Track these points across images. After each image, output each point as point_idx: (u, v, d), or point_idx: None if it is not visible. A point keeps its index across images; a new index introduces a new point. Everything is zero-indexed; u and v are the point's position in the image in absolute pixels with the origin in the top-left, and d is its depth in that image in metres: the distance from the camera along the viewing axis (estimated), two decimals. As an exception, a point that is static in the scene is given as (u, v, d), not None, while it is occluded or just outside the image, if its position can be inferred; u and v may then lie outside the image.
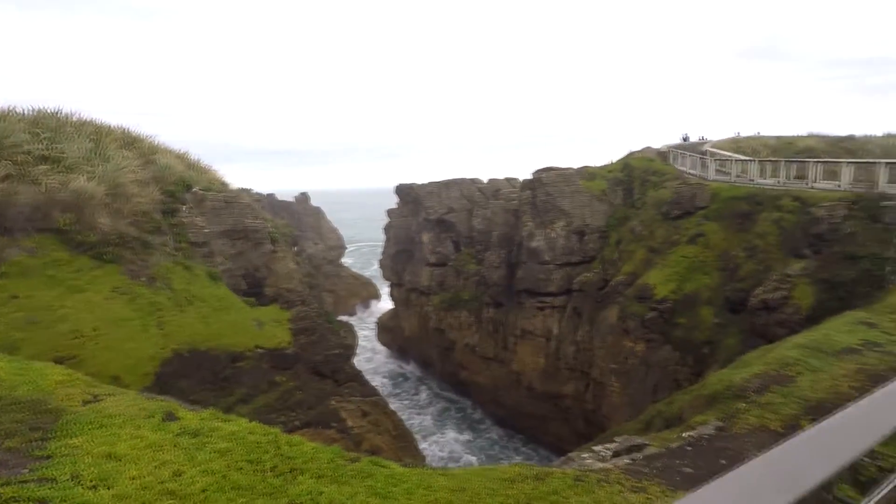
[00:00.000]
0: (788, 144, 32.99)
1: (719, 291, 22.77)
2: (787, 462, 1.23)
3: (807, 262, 19.36)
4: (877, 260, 15.86)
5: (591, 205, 31.44)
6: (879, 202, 17.92)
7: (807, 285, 18.73)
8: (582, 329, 29.41)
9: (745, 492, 1.11)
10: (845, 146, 32.13)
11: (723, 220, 24.05)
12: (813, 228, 19.72)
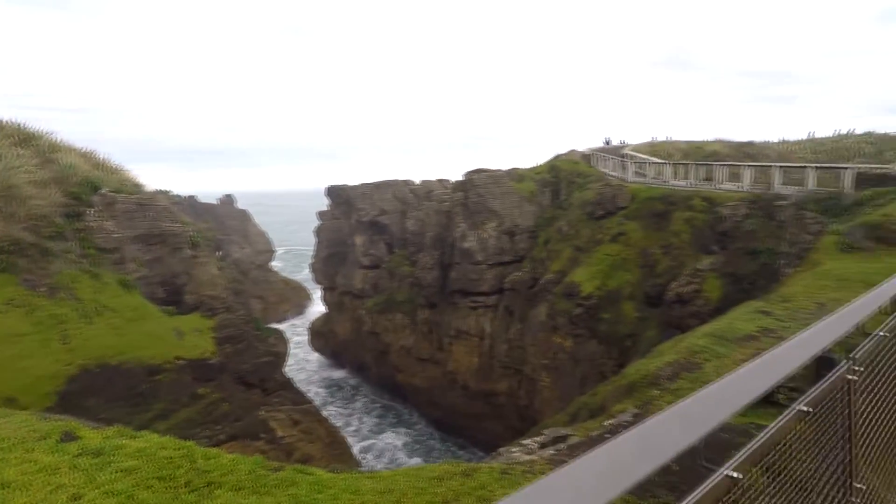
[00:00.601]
0: (698, 148, 35.51)
1: (640, 287, 24.10)
2: (654, 434, 1.31)
3: (715, 257, 20.93)
4: (772, 254, 17.41)
5: (521, 206, 32.31)
6: (774, 201, 19.67)
7: (715, 279, 20.25)
8: (514, 327, 30.12)
9: (615, 461, 1.17)
10: (746, 151, 35.00)
11: (641, 219, 25.49)
12: (719, 226, 21.36)
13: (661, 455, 1.25)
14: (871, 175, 18.41)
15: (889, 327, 3.02)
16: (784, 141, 40.39)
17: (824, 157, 31.07)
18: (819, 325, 2.55)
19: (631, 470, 1.19)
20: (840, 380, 2.30)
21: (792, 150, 36.11)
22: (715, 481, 1.42)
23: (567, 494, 1.08)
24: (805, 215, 16.47)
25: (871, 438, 2.77)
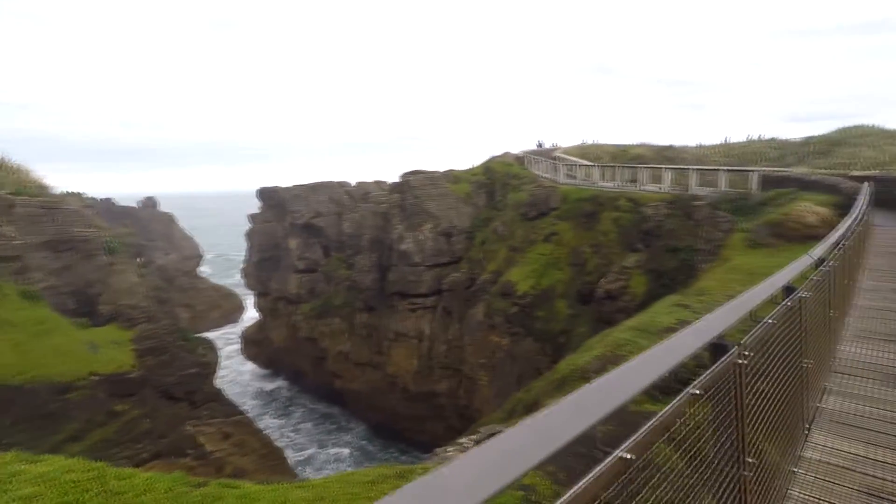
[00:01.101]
0: (623, 152, 37.37)
1: (572, 285, 25.00)
2: (549, 423, 1.37)
3: (640, 255, 22.08)
4: (690, 251, 18.61)
5: (458, 207, 32.63)
6: (691, 202, 21.05)
7: (640, 275, 21.37)
8: (452, 328, 30.35)
9: (511, 449, 1.21)
10: (667, 154, 37.22)
11: (572, 219, 26.47)
12: (643, 225, 22.56)
13: (553, 443, 1.30)
14: (773, 177, 20.10)
15: (776, 315, 3.30)
16: (700, 145, 43.22)
17: (735, 161, 33.44)
18: (714, 315, 2.75)
19: (522, 459, 1.22)
20: (731, 364, 2.49)
21: (707, 154, 38.71)
22: (609, 463, 1.49)
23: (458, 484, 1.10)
24: (718, 214, 17.75)
25: (760, 416, 3.02)
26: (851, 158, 27.62)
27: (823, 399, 5.04)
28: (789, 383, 3.89)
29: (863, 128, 35.07)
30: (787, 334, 3.85)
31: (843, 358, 6.09)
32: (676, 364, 2.04)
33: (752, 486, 2.72)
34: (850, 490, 3.58)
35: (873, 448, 4.14)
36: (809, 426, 4.47)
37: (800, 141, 37.67)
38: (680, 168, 25.48)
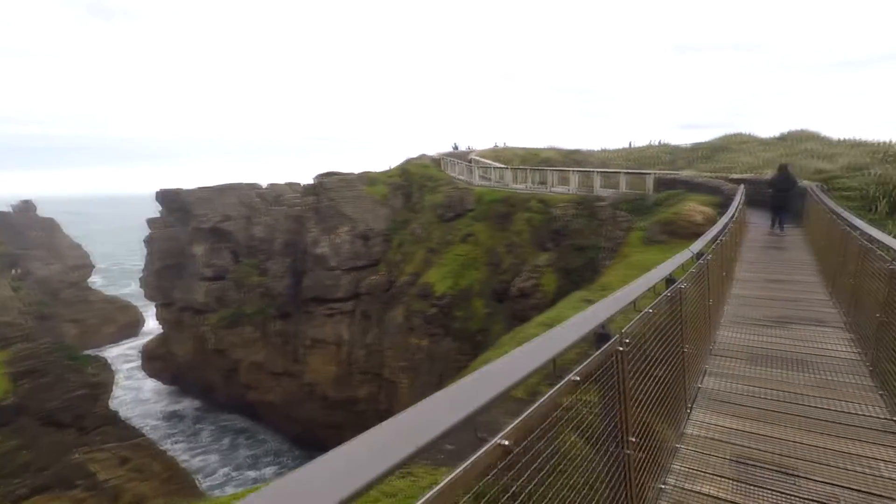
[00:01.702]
0: (534, 155, 38.96)
1: (488, 284, 25.63)
2: (417, 419, 1.39)
3: (550, 254, 23.11)
4: (595, 249, 19.77)
5: (374, 209, 32.32)
6: (596, 202, 22.37)
7: (551, 273, 22.37)
8: (372, 331, 30.00)
9: (378, 445, 1.21)
10: (574, 157, 39.30)
11: (487, 220, 27.15)
12: (553, 225, 23.64)
13: (422, 438, 1.32)
14: (666, 179, 21.86)
15: (656, 305, 3.58)
16: (604, 150, 46.06)
17: (635, 165, 35.88)
18: (597, 307, 2.93)
19: (391, 453, 1.22)
20: (612, 351, 2.66)
21: (610, 158, 41.31)
22: (486, 450, 1.53)
23: (320, 481, 1.08)
24: (618, 214, 19.01)
25: (645, 398, 3.26)
26: (731, 163, 30.69)
27: (703, 380, 5.55)
28: (671, 367, 4.23)
29: (741, 136, 39.04)
30: (668, 322, 4.19)
31: (720, 342, 6.75)
32: (557, 353, 2.14)
33: (635, 464, 2.92)
34: (723, 460, 3.96)
35: (742, 420, 4.62)
36: (691, 405, 4.90)
37: (689, 147, 41.26)
38: (585, 171, 26.97)
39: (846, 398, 5.07)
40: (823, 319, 7.59)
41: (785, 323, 7.53)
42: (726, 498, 3.49)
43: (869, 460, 3.93)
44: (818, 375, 5.67)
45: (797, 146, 29.91)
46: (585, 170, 27.46)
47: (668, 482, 3.66)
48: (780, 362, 6.04)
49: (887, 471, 3.77)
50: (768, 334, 7.06)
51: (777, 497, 3.47)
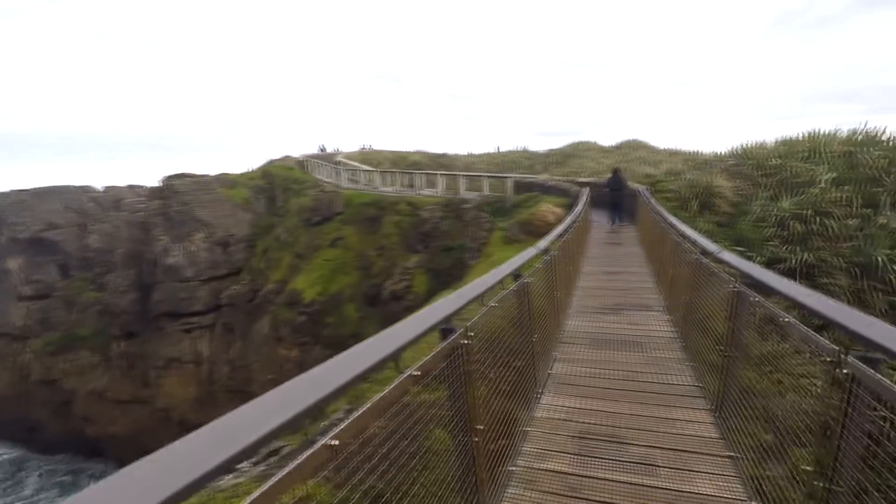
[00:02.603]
0: (402, 158, 39.40)
1: (359, 288, 25.30)
2: (232, 426, 1.31)
3: (420, 255, 23.51)
4: (461, 249, 20.54)
5: (235, 214, 30.19)
6: (461, 205, 23.25)
7: (422, 275, 22.76)
8: (235, 346, 27.96)
9: (192, 453, 1.12)
10: (441, 161, 40.45)
11: (357, 223, 26.82)
12: (422, 228, 24.09)
13: (243, 440, 1.25)
14: (523, 183, 23.47)
15: (501, 299, 3.80)
16: (470, 154, 48.10)
17: (497, 169, 37.86)
18: (442, 302, 3.02)
19: (198, 465, 1.14)
20: (457, 345, 2.76)
21: (475, 162, 43.22)
22: (313, 450, 1.49)
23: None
24: (481, 216, 19.98)
25: (489, 387, 3.44)
26: (580, 168, 33.92)
27: (553, 366, 6.03)
28: (520, 356, 4.53)
29: (586, 143, 43.26)
30: (515, 314, 4.48)
31: (567, 330, 7.40)
32: (396, 350, 2.16)
33: (482, 450, 3.06)
34: (566, 437, 4.34)
35: (585, 400, 5.11)
36: (542, 390, 5.29)
37: (545, 152, 44.79)
38: (451, 174, 27.93)
39: (666, 371, 5.86)
40: (650, 305, 8.70)
41: (620, 309, 8.49)
42: (569, 471, 3.82)
43: (679, 422, 4.58)
44: (646, 354, 6.47)
45: (631, 154, 33.99)
46: (451, 173, 28.44)
47: (518, 464, 3.91)
48: (617, 345, 6.79)
49: (690, 429, 4.42)
50: (607, 321, 7.90)
51: (608, 464, 3.89)
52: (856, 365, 2.17)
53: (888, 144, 17.11)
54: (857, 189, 15.47)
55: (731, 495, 3.49)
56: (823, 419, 2.41)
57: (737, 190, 17.35)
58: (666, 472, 3.80)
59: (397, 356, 2.15)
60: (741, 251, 14.24)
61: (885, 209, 14.88)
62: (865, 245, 13.90)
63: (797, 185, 16.33)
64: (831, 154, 17.18)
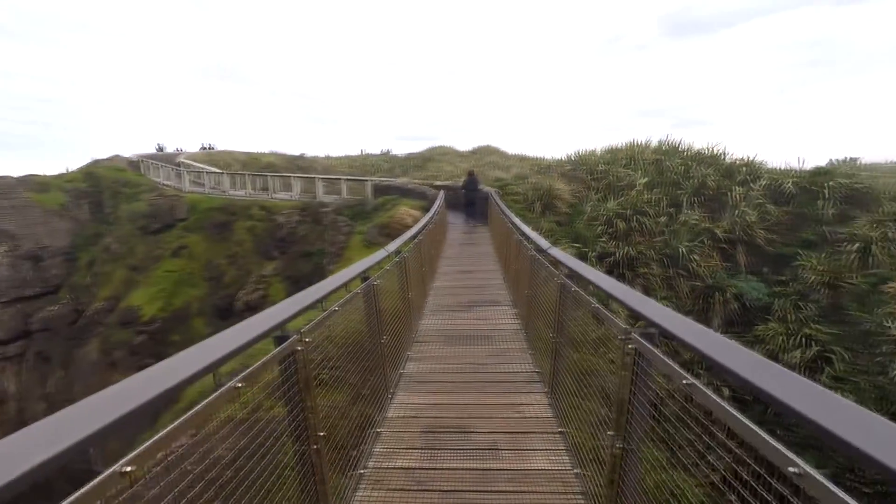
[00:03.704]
0: (255, 159, 37.13)
1: (209, 301, 23.25)
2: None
3: (276, 262, 22.36)
4: (321, 254, 19.99)
5: (49, 222, 25.82)
6: (319, 208, 22.61)
7: (279, 282, 21.65)
8: (54, 377, 23.89)
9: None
10: (298, 164, 38.93)
11: (203, 230, 24.62)
12: (278, 233, 22.93)
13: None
14: (382, 186, 23.56)
15: (344, 302, 3.78)
16: (328, 156, 47.03)
17: (358, 172, 37.52)
18: (277, 308, 2.91)
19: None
20: (290, 351, 2.68)
21: (334, 165, 42.39)
22: (101, 479, 1.34)
23: None
24: (340, 219, 19.64)
25: (334, 392, 3.39)
26: (437, 171, 35.07)
27: (406, 365, 6.15)
28: (369, 358, 4.54)
29: (444, 148, 44.84)
30: (363, 317, 4.48)
31: (422, 330, 7.60)
32: (215, 361, 2.04)
33: (326, 458, 3.01)
34: (415, 433, 4.45)
35: (435, 395, 5.29)
36: (394, 390, 5.35)
37: (404, 156, 45.49)
38: (308, 177, 27.02)
39: (511, 361, 6.30)
40: (499, 300, 9.30)
41: (473, 306, 8.95)
42: (416, 466, 3.92)
43: (521, 406, 4.97)
44: (495, 346, 6.90)
45: (484, 158, 36.06)
46: (309, 176, 27.52)
47: (368, 465, 3.92)
48: (467, 340, 7.14)
49: (529, 411, 4.83)
50: (460, 317, 8.27)
51: (455, 453, 4.07)
52: (638, 340, 2.55)
53: (685, 154, 20.41)
54: (664, 191, 18.19)
55: (561, 467, 3.88)
56: (620, 389, 2.79)
57: (573, 192, 19.34)
58: (507, 454, 4.10)
59: (213, 369, 2.02)
60: (578, 247, 15.92)
61: (685, 208, 17.72)
62: (672, 239, 16.40)
63: (620, 188, 18.71)
64: (644, 161, 19.99)
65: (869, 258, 14.39)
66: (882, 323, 12.75)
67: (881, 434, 1.17)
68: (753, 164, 19.29)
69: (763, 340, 14.31)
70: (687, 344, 2.10)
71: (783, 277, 15.45)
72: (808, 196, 16.78)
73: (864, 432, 1.20)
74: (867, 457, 1.11)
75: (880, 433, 1.17)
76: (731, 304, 15.26)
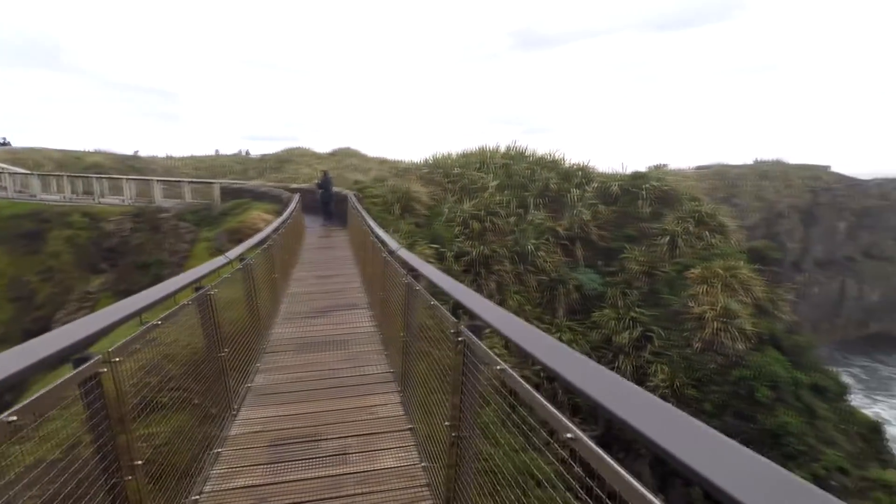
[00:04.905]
0: (77, 159, 32.25)
1: (17, 325, 19.58)
2: None
3: (106, 276, 19.61)
4: (160, 264, 18.01)
5: None
6: (158, 214, 20.35)
7: (109, 298, 18.98)
8: None
9: None
10: (132, 164, 34.63)
11: (7, 242, 20.70)
12: (106, 242, 20.13)
13: None
14: (232, 189, 21.99)
15: (165, 315, 3.45)
16: (170, 156, 42.60)
17: (206, 174, 34.63)
18: (73, 325, 2.56)
19: None
20: (92, 374, 2.37)
21: (177, 166, 38.54)
22: None
23: None
24: (181, 226, 17.88)
25: (157, 416, 3.08)
26: (295, 174, 33.73)
27: (254, 378, 5.80)
28: (205, 375, 4.20)
29: (301, 149, 43.28)
30: (196, 331, 4.14)
31: (273, 339, 7.23)
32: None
33: (145, 489, 2.72)
34: (260, 448, 4.22)
35: (284, 406, 5.07)
36: (238, 406, 5.02)
37: (259, 157, 42.97)
38: (143, 179, 24.20)
39: (366, 363, 6.28)
40: (356, 304, 9.22)
41: (329, 311, 8.75)
42: (260, 483, 3.72)
43: (373, 407, 4.98)
44: (350, 350, 6.82)
45: (344, 161, 35.53)
46: (144, 178, 24.66)
47: (204, 490, 3.62)
48: (322, 346, 6.96)
49: (382, 412, 4.87)
50: (316, 324, 8.04)
51: (303, 464, 3.95)
52: (466, 333, 2.71)
53: (531, 159, 22.20)
54: (513, 193, 19.58)
55: (409, 463, 3.97)
56: (453, 380, 2.94)
57: (431, 194, 19.93)
58: (357, 457, 4.08)
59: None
60: (436, 248, 16.44)
61: (532, 209, 19.25)
62: (521, 238, 17.71)
63: (474, 191, 19.72)
64: (495, 165, 21.32)
65: (675, 249, 17.01)
66: (686, 304, 15.15)
67: (618, 390, 1.40)
68: (587, 168, 21.64)
69: (599, 325, 16.15)
70: (500, 333, 2.29)
71: (613, 269, 17.57)
72: (630, 197, 19.30)
73: (611, 393, 1.41)
74: (604, 408, 1.33)
75: (618, 391, 1.40)
76: (572, 294, 16.95)
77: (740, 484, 0.91)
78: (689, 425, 1.16)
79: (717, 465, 0.98)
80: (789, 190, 39.47)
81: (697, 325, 14.58)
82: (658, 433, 1.14)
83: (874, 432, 14.43)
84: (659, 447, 1.10)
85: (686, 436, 1.11)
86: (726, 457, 1.02)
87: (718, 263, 15.79)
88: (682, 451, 1.05)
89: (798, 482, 0.94)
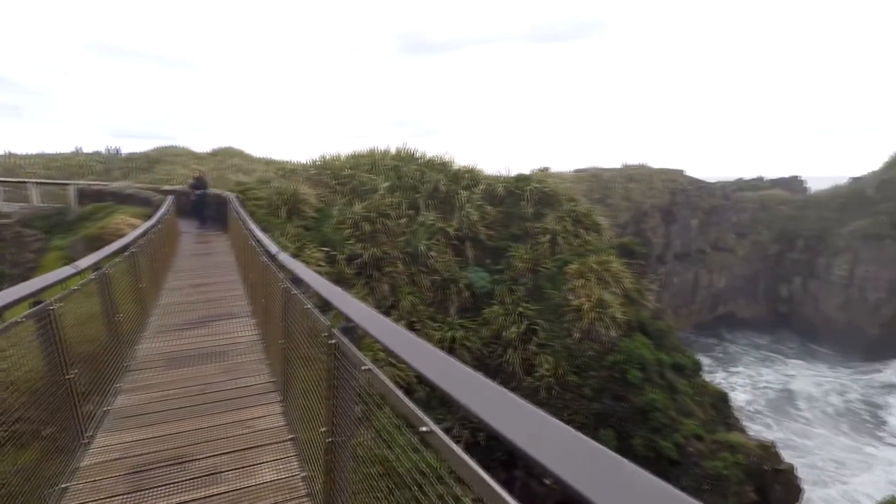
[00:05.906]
0: None
1: None
2: None
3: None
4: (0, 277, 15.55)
5: None
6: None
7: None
8: None
9: None
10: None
11: None
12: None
13: None
14: (92, 191, 19.64)
15: None
16: (11, 154, 37.03)
17: (59, 174, 30.58)
18: None
19: None
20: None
21: (22, 165, 33.56)
22: None
23: None
24: (27, 233, 15.59)
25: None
26: (169, 175, 30.89)
27: (115, 400, 5.23)
28: (46, 403, 3.71)
29: (176, 148, 39.83)
30: (31, 352, 3.64)
31: (139, 356, 6.57)
32: None
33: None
34: (118, 477, 3.81)
35: (150, 428, 4.62)
36: (93, 433, 4.49)
37: (124, 156, 38.79)
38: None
39: (246, 374, 5.94)
40: (237, 313, 8.68)
41: (206, 322, 8.14)
42: (117, 515, 3.36)
43: (252, 420, 4.73)
44: (229, 361, 6.40)
45: (226, 161, 33.32)
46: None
47: (46, 533, 3.19)
48: (197, 359, 6.45)
49: (262, 423, 4.64)
50: (190, 336, 7.44)
51: (167, 489, 3.63)
52: (336, 335, 2.67)
53: (420, 161, 22.45)
54: (404, 195, 19.67)
55: (289, 474, 3.82)
56: (327, 384, 2.88)
57: (320, 196, 19.36)
58: (231, 474, 3.84)
59: None
60: (326, 251, 16.02)
61: (422, 210, 19.47)
62: (412, 239, 17.84)
63: (364, 192, 19.49)
64: (385, 167, 21.27)
65: (556, 246, 18.19)
66: (566, 297, 16.27)
67: (449, 369, 1.48)
68: (474, 170, 22.35)
69: (489, 322, 16.77)
70: (368, 332, 2.28)
71: (501, 267, 18.35)
72: (514, 198, 20.29)
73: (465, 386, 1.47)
74: (433, 383, 1.39)
75: (449, 369, 1.48)
76: (463, 293, 17.43)
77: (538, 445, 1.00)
78: (508, 400, 1.26)
79: (518, 428, 1.06)
80: (653, 191, 44.11)
81: (576, 317, 15.74)
82: (470, 399, 1.23)
83: (722, 401, 16.60)
84: (472, 412, 1.18)
85: (504, 409, 1.20)
86: (531, 423, 1.12)
87: (593, 259, 17.17)
88: (489, 415, 1.13)
89: (604, 451, 1.05)
